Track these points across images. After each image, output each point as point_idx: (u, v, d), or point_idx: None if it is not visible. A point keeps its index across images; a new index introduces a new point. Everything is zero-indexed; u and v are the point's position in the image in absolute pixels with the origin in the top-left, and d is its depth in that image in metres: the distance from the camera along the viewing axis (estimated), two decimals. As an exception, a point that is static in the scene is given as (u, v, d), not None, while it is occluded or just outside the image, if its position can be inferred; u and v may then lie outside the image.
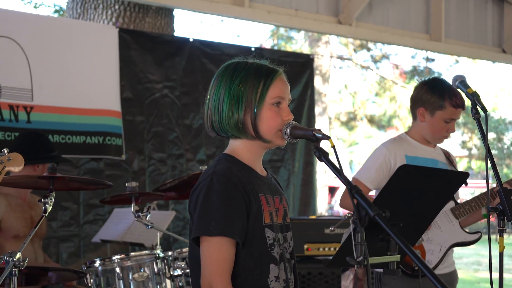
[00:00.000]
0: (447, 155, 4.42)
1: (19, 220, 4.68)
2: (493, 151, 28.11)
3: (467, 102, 3.89)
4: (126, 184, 4.24)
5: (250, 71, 2.56)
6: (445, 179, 2.49)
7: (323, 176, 17.37)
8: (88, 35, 6.37)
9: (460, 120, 22.66)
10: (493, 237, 3.19)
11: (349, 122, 21.39)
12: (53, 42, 6.10)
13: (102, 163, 6.28)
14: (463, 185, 4.29)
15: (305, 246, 5.96)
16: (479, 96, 3.21)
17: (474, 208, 4.24)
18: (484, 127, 3.12)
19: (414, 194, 2.36)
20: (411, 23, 8.73)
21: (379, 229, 2.24)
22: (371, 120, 22.08)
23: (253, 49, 7.60)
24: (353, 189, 2.20)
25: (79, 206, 6.08)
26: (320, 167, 16.98)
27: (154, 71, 6.73)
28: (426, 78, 4.40)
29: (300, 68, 7.88)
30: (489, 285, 3.04)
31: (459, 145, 25.46)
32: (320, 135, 2.36)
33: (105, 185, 4.14)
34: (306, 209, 7.76)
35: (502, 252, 3.03)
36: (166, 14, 7.66)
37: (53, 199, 3.69)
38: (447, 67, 27.89)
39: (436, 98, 4.20)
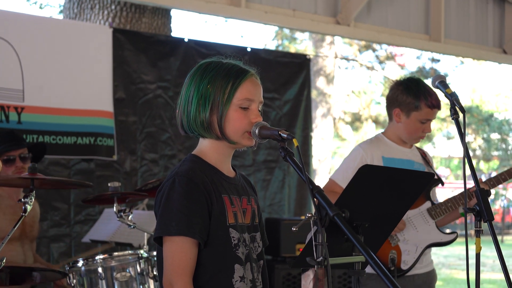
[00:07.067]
0: (424, 155, 4.43)
1: (9, 222, 4.50)
2: (496, 152, 27.92)
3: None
4: (109, 184, 4.21)
5: (220, 71, 2.55)
6: (409, 180, 2.46)
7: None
8: (81, 36, 6.34)
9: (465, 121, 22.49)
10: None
11: (354, 122, 21.38)
12: (46, 42, 6.07)
13: (93, 163, 6.26)
14: (440, 185, 4.34)
15: (297, 247, 5.95)
16: (457, 96, 3.21)
17: (450, 208, 4.26)
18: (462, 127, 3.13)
19: (377, 194, 2.35)
20: (411, 23, 8.71)
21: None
22: (376, 121, 22.03)
23: (249, 49, 7.56)
24: (315, 189, 2.18)
25: (70, 206, 6.06)
26: (319, 170, 16.94)
27: (147, 72, 6.71)
28: (402, 78, 4.39)
29: (297, 69, 7.83)
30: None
31: (464, 146, 25.21)
32: (285, 135, 2.36)
33: (85, 185, 4.13)
34: (301, 210, 7.72)
35: (479, 253, 3.03)
36: (163, 14, 7.63)
37: (33, 199, 3.69)
38: (452, 68, 27.85)
39: (412, 99, 4.20)
